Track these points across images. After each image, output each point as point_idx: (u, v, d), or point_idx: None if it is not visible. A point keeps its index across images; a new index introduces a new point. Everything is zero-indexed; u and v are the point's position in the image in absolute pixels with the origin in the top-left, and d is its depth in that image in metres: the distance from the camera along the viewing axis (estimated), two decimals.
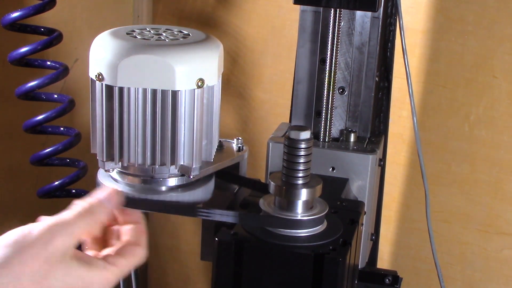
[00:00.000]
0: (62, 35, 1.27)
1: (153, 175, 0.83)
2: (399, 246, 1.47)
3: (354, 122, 1.06)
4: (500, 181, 1.34)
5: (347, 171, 1.01)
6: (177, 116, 0.79)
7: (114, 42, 0.78)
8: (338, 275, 0.81)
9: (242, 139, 0.92)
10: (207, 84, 0.79)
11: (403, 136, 1.41)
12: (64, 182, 1.30)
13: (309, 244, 0.82)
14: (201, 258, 0.98)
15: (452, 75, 1.34)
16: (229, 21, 1.59)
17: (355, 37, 1.03)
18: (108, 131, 0.80)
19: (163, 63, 0.76)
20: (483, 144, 1.34)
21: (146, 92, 0.78)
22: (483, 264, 1.39)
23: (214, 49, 0.80)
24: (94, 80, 0.79)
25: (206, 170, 0.85)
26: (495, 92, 1.31)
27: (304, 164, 0.82)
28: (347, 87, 1.05)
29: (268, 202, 0.86)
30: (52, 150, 1.28)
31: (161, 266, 1.86)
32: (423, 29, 1.35)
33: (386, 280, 0.97)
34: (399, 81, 1.17)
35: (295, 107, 1.07)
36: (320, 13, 1.03)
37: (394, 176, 1.43)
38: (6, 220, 1.57)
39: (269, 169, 1.02)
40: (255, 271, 0.82)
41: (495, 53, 1.30)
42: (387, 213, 1.43)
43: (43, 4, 1.23)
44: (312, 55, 1.04)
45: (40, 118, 1.26)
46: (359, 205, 0.94)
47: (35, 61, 1.27)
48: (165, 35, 0.81)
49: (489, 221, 1.37)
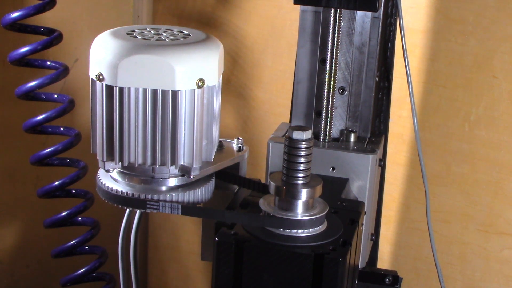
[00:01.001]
0: (62, 35, 1.27)
1: (153, 175, 0.83)
2: (399, 246, 1.47)
3: (354, 122, 1.06)
4: (500, 181, 1.34)
5: (347, 171, 1.01)
6: (177, 116, 0.79)
7: (114, 42, 0.78)
8: (338, 275, 0.81)
9: (242, 139, 0.93)
10: (207, 84, 0.79)
11: (403, 136, 1.41)
12: (64, 182, 1.30)
13: (309, 244, 0.82)
14: (201, 258, 0.98)
15: (452, 75, 1.34)
16: (229, 21, 1.59)
17: (355, 37, 1.03)
18: (108, 131, 0.80)
19: (163, 63, 0.76)
20: (483, 144, 1.34)
21: (146, 92, 0.78)
22: (483, 264, 1.39)
23: (214, 49, 0.81)
24: (94, 80, 0.79)
25: (206, 170, 0.85)
26: (495, 92, 1.31)
27: (304, 164, 0.82)
28: (347, 87, 1.05)
29: (268, 202, 0.86)
30: (52, 150, 1.28)
31: (161, 266, 1.86)
32: (423, 29, 1.35)
33: (386, 280, 0.97)
34: (399, 81, 1.17)
35: (295, 107, 1.07)
36: (320, 13, 1.02)
37: (394, 176, 1.43)
38: (6, 220, 1.57)
39: (269, 169, 1.01)
40: (255, 271, 0.82)
41: (495, 53, 1.30)
42: (387, 213, 1.43)
43: (43, 4, 1.23)
44: (312, 55, 1.04)
45: (40, 118, 1.26)
46: (359, 205, 0.94)
47: (35, 61, 1.27)
48: (165, 35, 0.81)
49: (489, 221, 1.37)
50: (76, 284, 1.37)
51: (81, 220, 1.35)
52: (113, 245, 1.31)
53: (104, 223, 1.40)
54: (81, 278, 1.36)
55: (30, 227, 1.59)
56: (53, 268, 1.56)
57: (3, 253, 1.57)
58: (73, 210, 1.32)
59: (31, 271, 1.63)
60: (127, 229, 0.97)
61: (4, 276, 1.59)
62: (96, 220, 1.37)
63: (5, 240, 1.57)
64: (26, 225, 1.59)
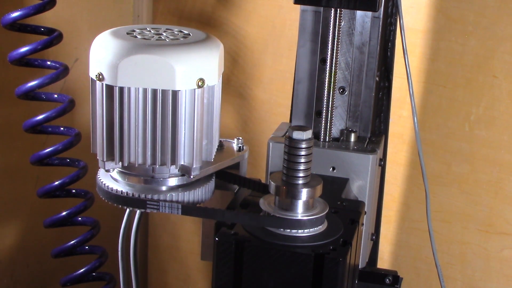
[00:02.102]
0: (62, 35, 1.27)
1: (153, 175, 0.83)
2: (399, 246, 1.47)
3: (355, 122, 1.06)
4: (500, 181, 1.34)
5: (347, 171, 1.00)
6: (177, 116, 0.79)
7: (115, 42, 0.78)
8: (338, 275, 0.81)
9: (242, 139, 0.93)
10: (207, 84, 0.79)
11: (404, 136, 1.41)
12: (64, 182, 1.30)
13: (309, 244, 0.82)
14: (201, 258, 0.98)
15: (452, 75, 1.34)
16: (229, 21, 1.59)
17: (355, 37, 1.03)
18: (108, 131, 0.80)
19: (163, 63, 0.76)
20: (483, 144, 1.34)
21: (146, 92, 0.78)
22: (483, 264, 1.39)
23: (214, 49, 0.81)
24: (94, 80, 0.79)
25: (207, 170, 0.85)
26: (495, 92, 1.31)
27: (304, 164, 0.82)
28: (348, 87, 1.05)
29: (268, 202, 0.86)
30: (52, 150, 1.28)
31: (161, 266, 1.86)
32: (424, 29, 1.35)
33: (386, 280, 0.97)
34: (399, 81, 1.17)
35: (295, 107, 1.07)
36: (321, 13, 1.02)
37: (394, 176, 1.43)
38: (6, 220, 1.57)
39: (269, 169, 1.01)
40: (255, 271, 0.82)
41: (495, 53, 1.30)
42: (387, 213, 1.43)
43: (43, 4, 1.23)
44: (313, 55, 1.04)
45: (40, 118, 1.26)
46: (359, 205, 0.94)
47: (35, 61, 1.27)
48: (166, 35, 0.81)
49: (489, 221, 1.37)
50: (76, 284, 1.37)
51: (81, 220, 1.35)
52: (113, 245, 1.31)
53: (104, 223, 1.40)
54: (81, 278, 1.36)
55: (30, 227, 1.59)
56: (53, 268, 1.56)
57: (3, 253, 1.57)
58: (73, 210, 1.32)
59: (31, 271, 1.63)
60: (127, 229, 0.97)
61: (4, 276, 1.59)
62: (96, 220, 1.37)
63: (5, 240, 1.57)
64: (26, 225, 1.59)
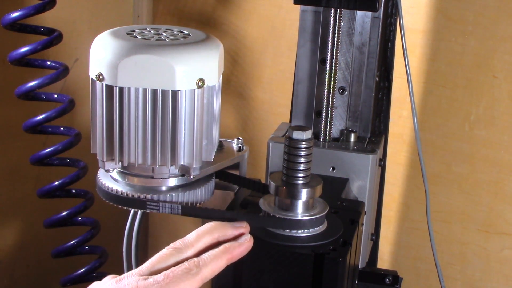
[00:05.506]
0: (62, 35, 1.27)
1: (153, 175, 0.83)
2: (399, 246, 1.47)
3: (354, 122, 1.06)
4: (500, 181, 1.34)
5: (347, 171, 1.00)
6: (177, 116, 0.79)
7: (114, 42, 0.78)
8: (338, 275, 0.81)
9: (242, 139, 0.92)
10: (207, 84, 0.79)
11: (403, 136, 1.41)
12: (64, 182, 1.30)
13: (309, 244, 0.82)
14: None
15: (452, 75, 1.34)
16: (229, 21, 1.59)
17: (355, 37, 1.03)
18: (108, 131, 0.80)
19: (163, 63, 0.76)
20: (483, 144, 1.34)
21: (146, 92, 0.78)
22: (483, 264, 1.39)
23: (214, 49, 0.80)
24: (94, 80, 0.79)
25: (206, 170, 0.85)
26: (495, 92, 1.31)
27: (304, 164, 0.82)
28: (347, 87, 1.05)
29: (268, 202, 0.86)
30: (52, 150, 1.28)
31: None
32: (424, 29, 1.35)
33: (386, 280, 0.97)
34: (399, 81, 1.17)
35: (295, 107, 1.07)
36: (321, 13, 1.02)
37: (394, 176, 1.43)
38: (6, 220, 1.57)
39: (269, 169, 1.01)
40: (255, 271, 0.82)
41: (495, 53, 1.30)
42: (387, 213, 1.43)
43: (43, 4, 1.23)
44: (312, 55, 1.04)
45: (40, 118, 1.26)
46: (359, 205, 0.94)
47: (35, 61, 1.27)
48: (165, 35, 0.81)
49: (489, 221, 1.37)
50: (76, 284, 1.37)
51: (81, 220, 1.35)
52: (113, 245, 1.31)
53: (104, 223, 1.40)
54: (81, 278, 1.37)
55: (30, 227, 1.59)
56: (53, 268, 1.56)
57: (3, 253, 1.57)
58: (73, 210, 1.32)
59: (31, 271, 1.63)
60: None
61: (4, 276, 1.59)
62: (96, 220, 1.37)
63: (5, 240, 1.57)
64: (26, 225, 1.59)
